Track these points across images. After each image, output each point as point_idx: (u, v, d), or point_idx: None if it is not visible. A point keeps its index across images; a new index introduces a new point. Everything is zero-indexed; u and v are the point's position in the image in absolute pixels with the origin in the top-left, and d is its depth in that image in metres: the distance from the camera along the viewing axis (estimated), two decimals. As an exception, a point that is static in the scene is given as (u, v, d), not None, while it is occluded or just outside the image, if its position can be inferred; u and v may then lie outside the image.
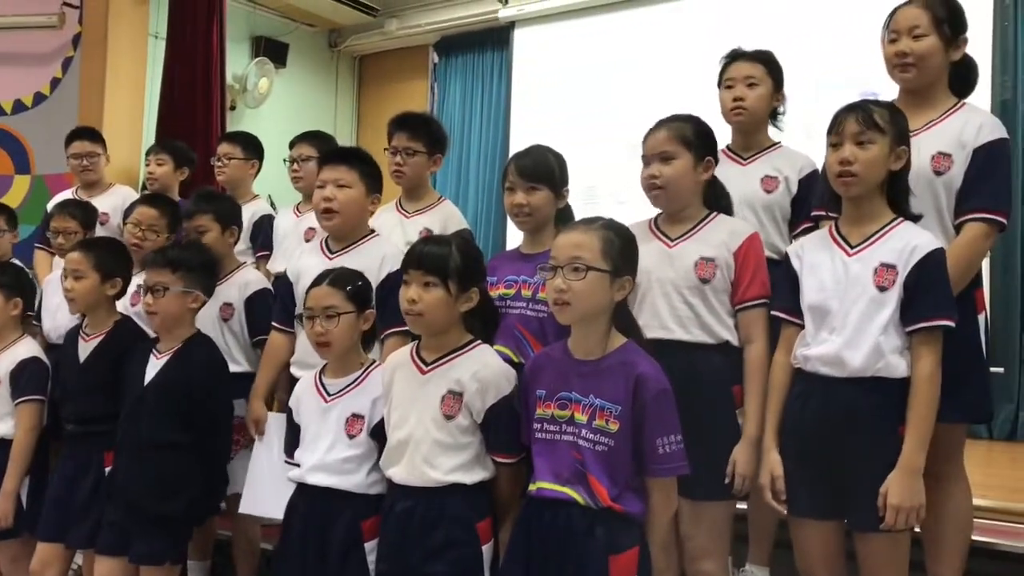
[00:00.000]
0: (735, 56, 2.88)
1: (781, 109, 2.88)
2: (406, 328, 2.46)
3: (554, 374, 2.12)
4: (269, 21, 6.77)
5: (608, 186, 5.85)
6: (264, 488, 2.73)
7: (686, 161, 2.39)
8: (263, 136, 4.16)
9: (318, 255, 2.82)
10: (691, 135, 2.40)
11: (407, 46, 7.10)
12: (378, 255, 2.74)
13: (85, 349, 2.96)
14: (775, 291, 2.40)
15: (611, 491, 1.99)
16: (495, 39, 6.83)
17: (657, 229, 2.48)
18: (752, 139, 2.88)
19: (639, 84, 6.03)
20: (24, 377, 3.09)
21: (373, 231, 2.87)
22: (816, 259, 2.27)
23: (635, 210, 2.54)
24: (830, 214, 2.38)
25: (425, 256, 2.24)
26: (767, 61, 2.84)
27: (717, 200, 2.51)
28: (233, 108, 6.17)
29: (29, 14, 5.48)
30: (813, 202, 2.68)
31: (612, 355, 2.07)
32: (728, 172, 2.64)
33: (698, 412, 2.20)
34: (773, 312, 2.37)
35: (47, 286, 3.63)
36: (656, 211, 2.51)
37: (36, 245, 4.22)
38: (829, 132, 2.23)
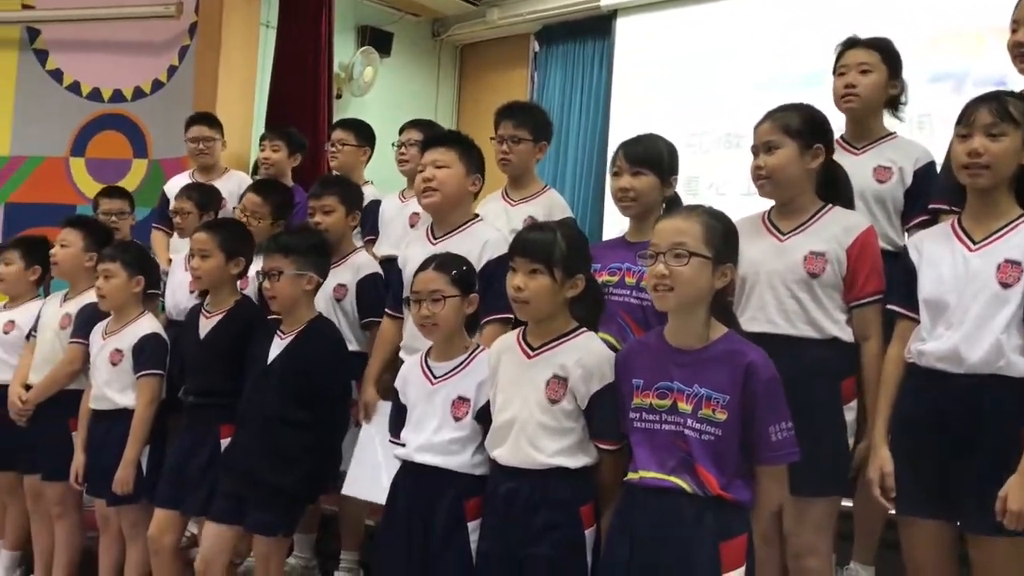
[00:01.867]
0: (850, 43, 2.81)
1: (903, 99, 2.81)
2: (506, 315, 2.51)
3: (651, 363, 2.11)
4: (375, 11, 6.88)
5: (709, 178, 5.78)
6: (367, 472, 2.81)
7: (790, 150, 2.35)
8: (370, 115, 4.24)
9: (423, 242, 2.87)
10: (796, 124, 2.36)
11: (508, 35, 7.13)
12: (480, 240, 2.78)
13: (206, 326, 3.08)
14: (890, 285, 2.35)
15: (720, 480, 1.99)
16: (597, 28, 6.78)
17: (770, 222, 2.45)
18: (865, 128, 2.81)
19: (741, 74, 5.92)
20: (145, 352, 3.24)
21: (476, 216, 2.91)
22: (935, 253, 2.21)
23: (735, 202, 2.52)
24: (953, 208, 2.32)
25: (531, 243, 2.27)
26: (883, 48, 2.77)
27: (837, 192, 2.46)
28: (339, 96, 6.29)
29: (149, 4, 5.70)
30: (932, 194, 2.61)
31: (716, 344, 2.06)
32: (841, 161, 2.59)
33: (803, 407, 2.15)
34: (888, 306, 2.32)
35: (172, 266, 3.80)
36: (768, 203, 2.48)
37: (154, 225, 4.42)
38: (959, 122, 2.17)
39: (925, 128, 4.55)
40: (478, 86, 7.28)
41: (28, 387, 3.48)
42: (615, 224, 2.78)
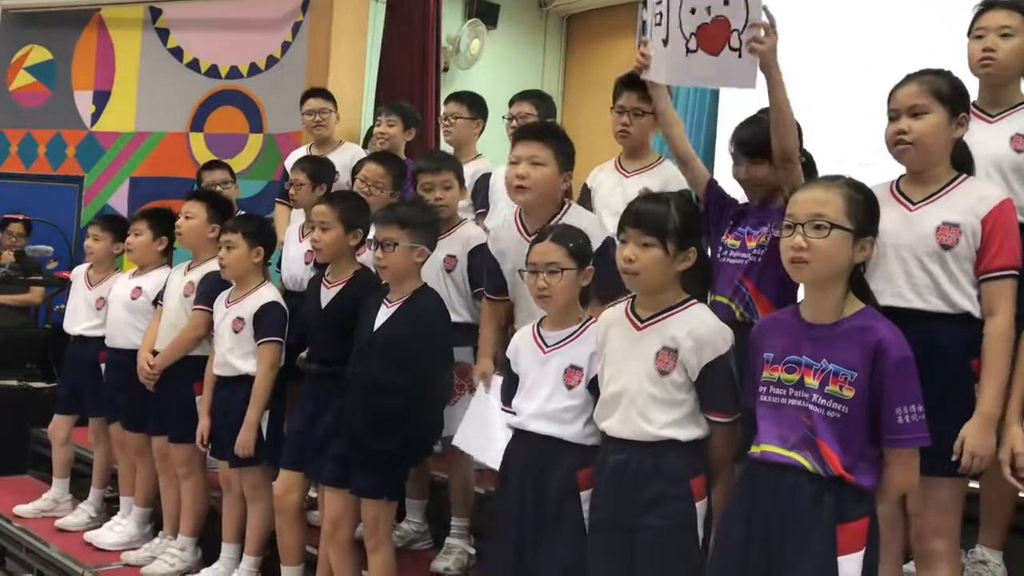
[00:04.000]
0: (989, 4, 2.66)
1: None
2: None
3: (784, 337, 2.06)
4: (483, -18, 6.91)
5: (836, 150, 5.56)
6: (480, 431, 2.83)
7: (939, 116, 2.25)
8: (482, 87, 4.25)
9: (517, 238, 2.87)
10: (946, 88, 2.26)
11: (616, 3, 7.02)
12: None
13: (327, 296, 3.16)
14: (1026, 258, 2.24)
15: (843, 460, 1.93)
16: (706, -6, 6.62)
17: (899, 192, 2.35)
18: (1002, 95, 2.65)
19: (856, 48, 5.68)
20: (266, 320, 3.35)
21: (567, 203, 2.88)
22: None
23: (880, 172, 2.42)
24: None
25: (643, 215, 2.24)
26: (1025, 10, 2.62)
27: (961, 162, 2.35)
28: (446, 69, 6.34)
29: (264, -18, 5.86)
30: None
31: (849, 319, 1.99)
32: (974, 130, 2.45)
33: (933, 385, 2.07)
34: None
35: (287, 238, 3.91)
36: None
37: (277, 200, 4.55)
38: None
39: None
40: (585, 57, 7.19)
41: (155, 353, 3.64)
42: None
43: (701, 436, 2.22)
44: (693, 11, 2.44)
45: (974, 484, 2.47)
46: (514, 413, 2.52)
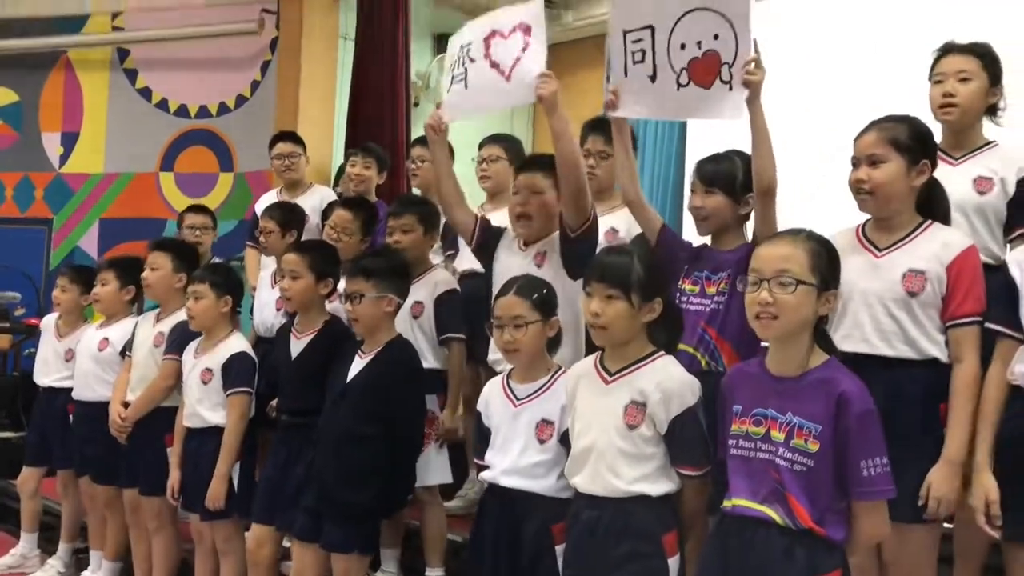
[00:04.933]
0: (947, 49, 2.69)
1: (1001, 104, 2.68)
2: None
3: (751, 390, 2.06)
4: (450, 18, 6.87)
5: (796, 187, 5.60)
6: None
7: (897, 165, 2.27)
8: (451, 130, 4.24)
9: (518, 254, 2.92)
10: (904, 137, 2.28)
11: (583, 37, 7.07)
12: None
13: (297, 347, 3.14)
14: (991, 302, 2.25)
15: (812, 513, 1.92)
16: (673, 27, 6.66)
17: (865, 238, 2.37)
18: (964, 138, 2.69)
19: (824, 76, 5.73)
20: (234, 370, 3.31)
21: None
22: None
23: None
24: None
25: (607, 268, 2.25)
26: (983, 54, 2.64)
27: (933, 207, 2.36)
28: (416, 104, 6.34)
29: (231, 22, 5.84)
30: None
31: (813, 372, 2.00)
32: (938, 172, 2.49)
33: (901, 431, 2.10)
34: (988, 324, 2.22)
35: (259, 283, 3.88)
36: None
37: (247, 243, 4.52)
38: None
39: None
40: None
41: (126, 405, 3.59)
42: (692, 239, 2.75)
43: (672, 490, 2.21)
44: (683, 46, 2.49)
45: (948, 524, 2.47)
46: (487, 467, 2.50)
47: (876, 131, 2.31)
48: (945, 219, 2.38)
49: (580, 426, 2.28)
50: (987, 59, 2.65)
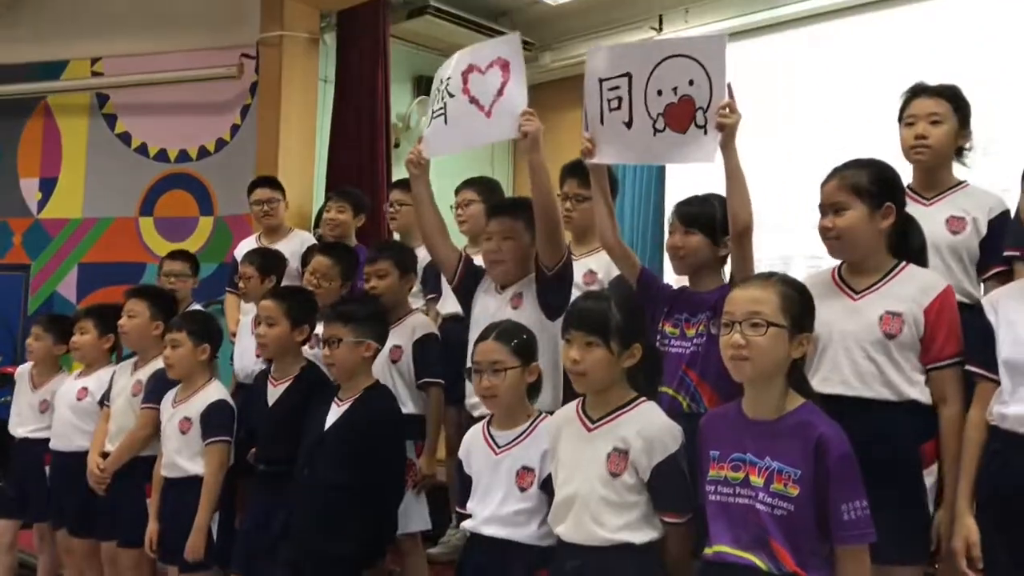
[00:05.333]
0: (917, 91, 2.74)
1: (968, 146, 2.73)
2: None
3: (728, 434, 2.06)
4: (430, 60, 6.91)
5: (772, 219, 5.66)
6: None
7: (859, 211, 2.30)
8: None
9: (495, 296, 2.91)
10: (865, 183, 2.30)
11: (562, 78, 7.13)
12: None
13: (273, 394, 3.12)
14: (968, 343, 2.26)
15: (795, 557, 1.92)
16: (651, 67, 6.73)
17: (841, 280, 2.38)
18: (936, 178, 2.73)
19: (800, 113, 5.81)
20: (213, 419, 3.28)
21: None
22: (1013, 312, 2.13)
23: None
24: (1028, 258, 2.23)
25: (585, 315, 2.25)
26: (952, 97, 2.69)
27: (908, 246, 2.39)
28: (397, 146, 6.36)
29: (211, 66, 5.85)
30: (1007, 242, 2.52)
31: (789, 416, 2.00)
32: (910, 212, 2.52)
33: (881, 472, 2.09)
34: (968, 367, 2.23)
35: (240, 329, 3.86)
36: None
37: (227, 289, 4.49)
38: None
39: (990, 155, 4.41)
40: None
41: (105, 455, 3.55)
42: (672, 281, 2.77)
43: (656, 538, 2.19)
44: (660, 92, 2.52)
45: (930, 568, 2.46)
46: (469, 515, 2.48)
47: (838, 179, 2.34)
48: (920, 256, 2.40)
49: (563, 474, 2.27)
50: (957, 102, 2.70)
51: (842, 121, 5.21)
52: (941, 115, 2.67)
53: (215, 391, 3.37)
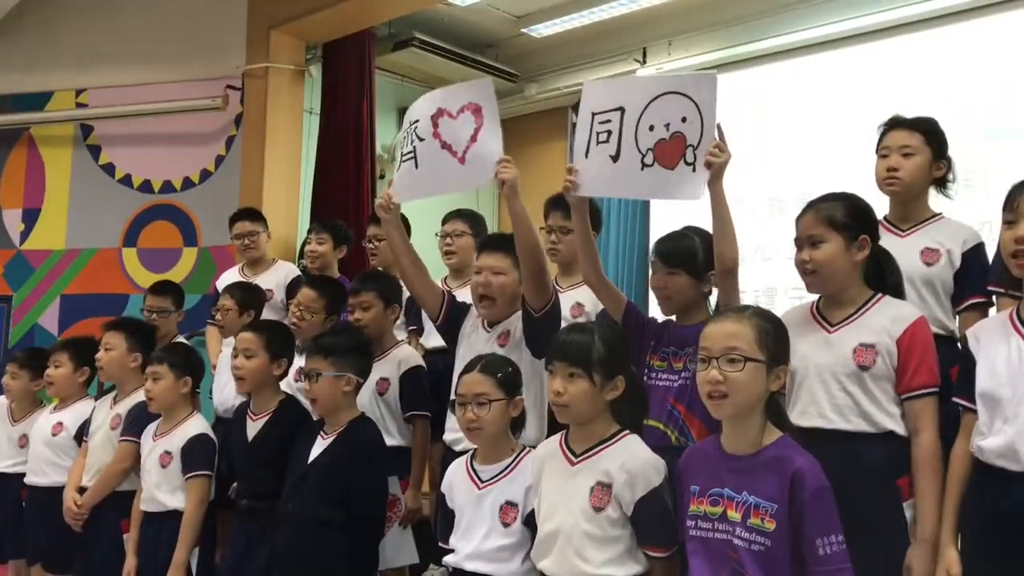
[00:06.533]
0: (892, 124, 2.78)
1: (951, 176, 2.76)
2: None
3: (706, 469, 2.06)
4: (415, 92, 6.94)
5: (754, 243, 5.71)
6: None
7: (835, 244, 2.31)
8: (409, 204, 4.25)
9: (481, 334, 2.91)
10: (840, 216, 2.32)
11: (546, 109, 7.19)
12: None
13: (253, 428, 3.10)
14: (946, 376, 2.28)
15: (774, 594, 1.91)
16: (634, 99, 6.78)
17: (818, 313, 2.40)
18: (910, 210, 2.76)
19: (784, 138, 5.88)
20: (194, 453, 3.25)
21: None
22: (992, 344, 2.13)
23: (780, 266, 2.47)
24: (1011, 292, 2.24)
25: (568, 347, 2.25)
26: (926, 130, 2.73)
27: (883, 278, 2.40)
28: (382, 177, 6.38)
29: (196, 98, 5.87)
30: (990, 277, 2.54)
31: (766, 450, 2.00)
32: (885, 244, 2.54)
33: (860, 506, 2.09)
34: (954, 399, 2.22)
35: (220, 362, 3.84)
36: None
37: (209, 321, 4.47)
38: (1004, 208, 2.09)
39: (973, 187, 4.46)
40: (518, 160, 7.08)
41: (82, 491, 3.51)
42: (657, 314, 2.77)
43: (640, 572, 2.18)
44: (652, 128, 2.52)
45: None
46: (451, 550, 2.46)
47: (813, 212, 2.36)
48: (897, 288, 2.42)
49: (546, 508, 2.26)
50: (931, 134, 2.73)
51: (823, 152, 5.26)
52: (913, 147, 2.70)
53: (196, 424, 3.34)
